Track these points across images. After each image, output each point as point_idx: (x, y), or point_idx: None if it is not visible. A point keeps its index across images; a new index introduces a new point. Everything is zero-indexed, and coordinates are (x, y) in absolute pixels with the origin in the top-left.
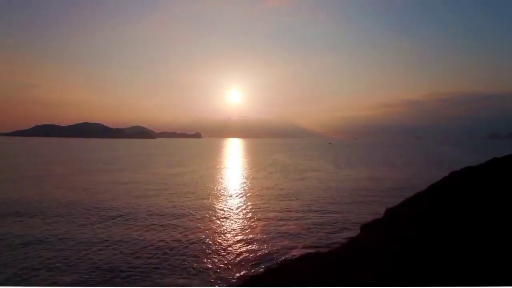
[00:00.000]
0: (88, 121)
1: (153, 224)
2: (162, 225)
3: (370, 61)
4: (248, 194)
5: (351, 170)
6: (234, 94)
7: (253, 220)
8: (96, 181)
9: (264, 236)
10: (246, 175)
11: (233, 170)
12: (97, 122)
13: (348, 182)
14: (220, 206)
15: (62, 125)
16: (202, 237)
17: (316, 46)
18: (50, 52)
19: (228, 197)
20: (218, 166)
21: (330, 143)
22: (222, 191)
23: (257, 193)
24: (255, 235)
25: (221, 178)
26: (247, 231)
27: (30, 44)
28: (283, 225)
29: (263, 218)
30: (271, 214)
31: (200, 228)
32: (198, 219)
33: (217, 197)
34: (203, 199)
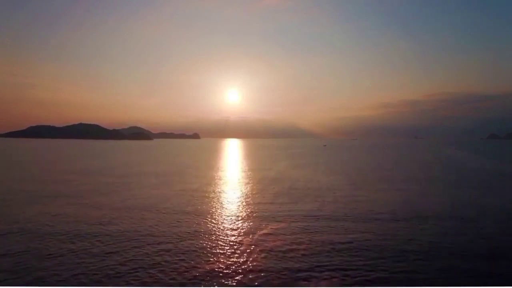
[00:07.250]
0: (84, 122)
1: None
2: None
3: (370, 61)
4: (244, 244)
5: (371, 190)
6: (232, 94)
7: None
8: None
9: None
10: (245, 202)
11: (229, 193)
12: (93, 122)
13: (377, 212)
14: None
15: (57, 125)
16: None
17: (316, 45)
18: (45, 51)
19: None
20: (210, 187)
21: (325, 145)
22: (208, 234)
23: (257, 245)
24: None
25: (212, 209)
26: None
27: (25, 43)
28: None
29: None
30: None
31: None
32: None
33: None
34: (181, 251)
